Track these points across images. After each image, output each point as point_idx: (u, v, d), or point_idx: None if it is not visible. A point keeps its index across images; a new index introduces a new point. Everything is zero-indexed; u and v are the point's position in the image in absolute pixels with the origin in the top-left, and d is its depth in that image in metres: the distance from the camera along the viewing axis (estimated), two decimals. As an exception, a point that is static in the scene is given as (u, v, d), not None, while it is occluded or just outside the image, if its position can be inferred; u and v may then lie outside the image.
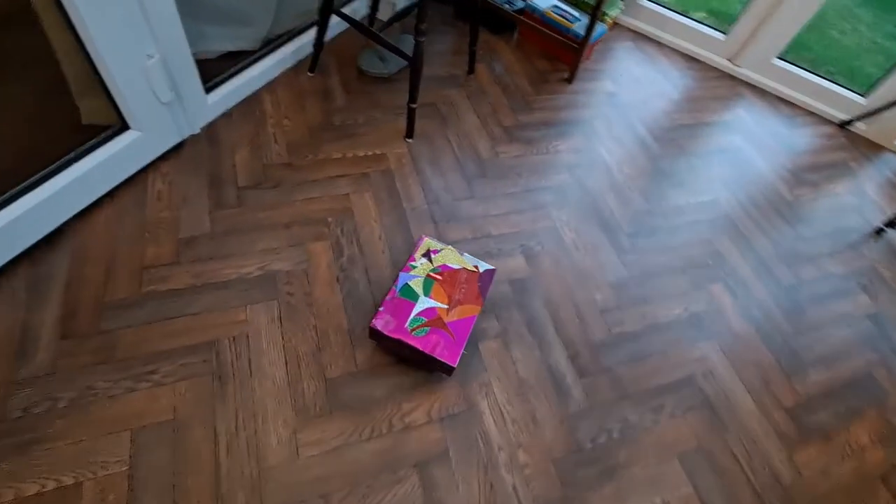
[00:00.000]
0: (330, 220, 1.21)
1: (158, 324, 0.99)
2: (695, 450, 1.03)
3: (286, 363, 0.98)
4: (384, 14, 1.72)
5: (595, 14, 1.55)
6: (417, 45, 1.20)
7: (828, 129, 1.85)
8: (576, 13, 1.73)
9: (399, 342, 0.95)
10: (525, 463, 0.95)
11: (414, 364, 1.02)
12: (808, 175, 1.66)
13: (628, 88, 1.79)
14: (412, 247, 1.21)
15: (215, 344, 0.98)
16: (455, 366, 0.95)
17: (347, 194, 1.27)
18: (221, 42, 1.47)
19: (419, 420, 0.96)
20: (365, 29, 1.29)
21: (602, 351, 1.13)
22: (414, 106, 1.33)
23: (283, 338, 1.01)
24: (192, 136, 1.29)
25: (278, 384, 0.95)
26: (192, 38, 1.44)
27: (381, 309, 0.98)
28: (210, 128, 1.32)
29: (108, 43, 0.95)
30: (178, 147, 1.26)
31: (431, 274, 1.04)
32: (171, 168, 1.22)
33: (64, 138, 1.14)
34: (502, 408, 1.01)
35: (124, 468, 0.83)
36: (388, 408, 0.96)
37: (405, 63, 1.56)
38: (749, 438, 1.06)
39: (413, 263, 1.06)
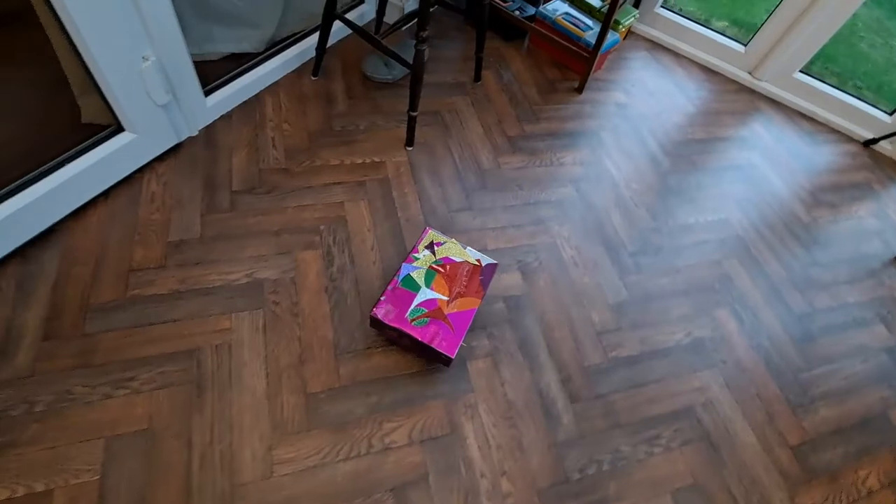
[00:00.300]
0: (322, 228, 1.19)
1: (141, 329, 0.97)
2: (690, 487, 0.97)
3: (267, 375, 0.96)
4: (392, 17, 1.70)
5: (607, 23, 1.50)
6: (418, 54, 1.17)
7: (851, 148, 1.76)
8: (588, 21, 1.68)
9: (399, 331, 0.96)
10: (508, 492, 0.91)
11: (414, 352, 1.02)
12: (828, 196, 1.58)
13: (640, 100, 1.73)
14: (404, 258, 1.18)
15: (196, 352, 0.96)
16: (453, 357, 0.95)
17: (342, 202, 1.24)
18: (226, 43, 1.46)
19: (399, 441, 0.93)
20: (367, 35, 1.26)
21: (596, 376, 1.08)
22: (414, 114, 1.31)
23: (265, 348, 0.99)
24: (191, 138, 1.28)
25: (257, 397, 0.93)
26: (198, 38, 1.44)
27: (382, 298, 0.99)
28: (209, 130, 1.31)
29: (101, 45, 0.94)
30: (176, 148, 1.25)
31: (434, 266, 1.05)
32: (167, 169, 1.21)
33: (63, 136, 1.15)
34: (487, 431, 0.97)
35: (96, 477, 0.82)
36: (369, 427, 0.94)
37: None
38: (749, 477, 1.00)
39: (416, 255, 1.06)
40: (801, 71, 1.80)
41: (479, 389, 1.02)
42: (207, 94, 1.29)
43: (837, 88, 1.79)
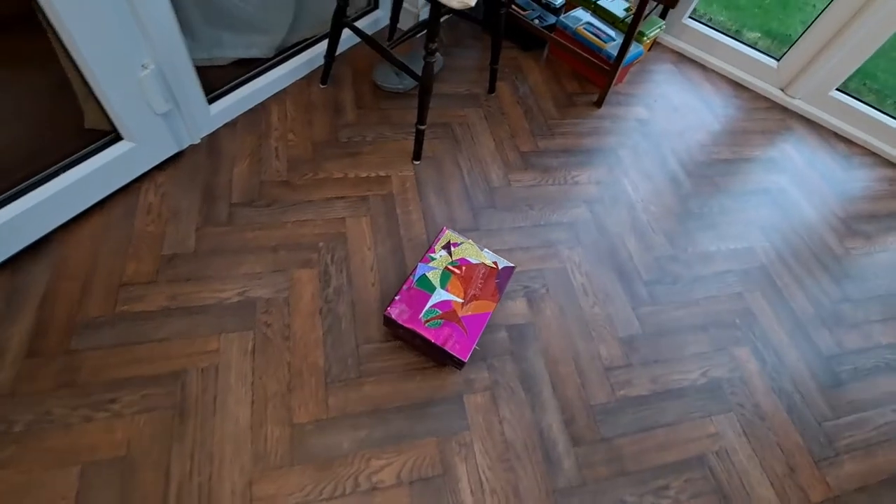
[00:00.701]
0: (321, 245, 1.14)
1: (126, 347, 0.94)
2: (698, 545, 0.90)
3: (252, 403, 0.92)
4: (406, 24, 1.64)
5: (630, 34, 1.42)
6: (427, 66, 1.12)
7: (889, 173, 1.65)
8: (611, 32, 1.60)
9: (412, 332, 0.95)
10: (500, 542, 0.86)
11: (425, 354, 1.02)
12: (863, 225, 1.48)
13: (663, 116, 1.65)
14: (404, 280, 1.13)
15: (182, 375, 0.93)
16: (466, 360, 0.94)
17: (343, 218, 1.20)
18: (235, 49, 1.43)
19: (387, 481, 0.88)
20: (376, 44, 1.21)
21: (602, 417, 1.01)
22: (422, 128, 1.25)
23: (253, 374, 0.95)
24: (193, 146, 1.25)
25: (241, 426, 0.89)
26: (206, 43, 1.41)
27: (396, 298, 0.98)
28: (212, 138, 1.28)
29: (96, 53, 0.91)
30: (177, 156, 1.22)
31: (449, 267, 1.04)
32: (166, 179, 1.18)
33: (65, 142, 1.12)
34: (482, 474, 0.91)
35: (69, 506, 0.79)
36: (356, 463, 0.89)
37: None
38: (764, 537, 0.92)
39: (432, 255, 1.05)
40: (837, 89, 1.69)
41: (476, 427, 0.96)
42: (212, 101, 1.26)
43: (876, 108, 1.68)
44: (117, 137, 1.08)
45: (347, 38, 1.54)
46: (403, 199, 1.26)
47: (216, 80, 1.32)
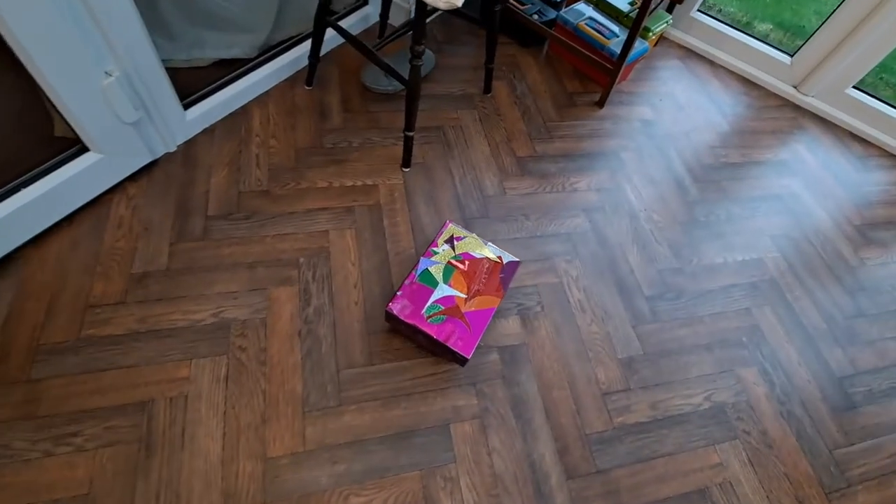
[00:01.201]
0: (302, 261, 1.08)
1: (92, 375, 0.89)
2: (699, 588, 0.84)
3: (224, 436, 0.86)
4: (397, 20, 1.56)
5: (634, 31, 1.34)
6: (413, 70, 1.04)
7: (909, 177, 1.56)
8: (615, 28, 1.51)
9: (414, 328, 0.93)
10: (486, 586, 0.80)
11: (429, 353, 1.00)
12: (880, 233, 1.40)
13: (668, 116, 1.56)
14: (390, 298, 1.06)
15: (149, 405, 0.87)
16: (469, 357, 0.92)
17: (326, 231, 1.13)
18: (216, 49, 1.36)
19: (366, 520, 0.82)
20: (360, 44, 1.14)
21: (598, 446, 0.95)
22: (410, 134, 1.18)
23: (225, 403, 0.89)
24: (168, 155, 1.19)
25: (210, 462, 0.84)
26: (186, 44, 1.34)
27: (398, 293, 0.95)
28: (189, 146, 1.21)
29: (51, 61, 0.84)
30: (151, 165, 1.16)
31: (452, 261, 1.01)
32: (138, 190, 1.12)
33: (33, 151, 1.06)
34: (468, 511, 0.86)
35: (26, 549, 0.74)
36: (333, 501, 0.83)
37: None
38: (770, 580, 0.86)
39: (435, 249, 1.02)
40: (854, 86, 1.59)
41: (463, 459, 0.90)
42: (188, 106, 1.19)
43: (895, 107, 1.58)
44: (84, 149, 1.02)
45: (334, 35, 1.46)
46: (391, 209, 1.20)
47: (195, 84, 1.25)
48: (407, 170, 1.27)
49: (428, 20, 0.99)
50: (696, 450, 0.98)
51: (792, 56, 1.66)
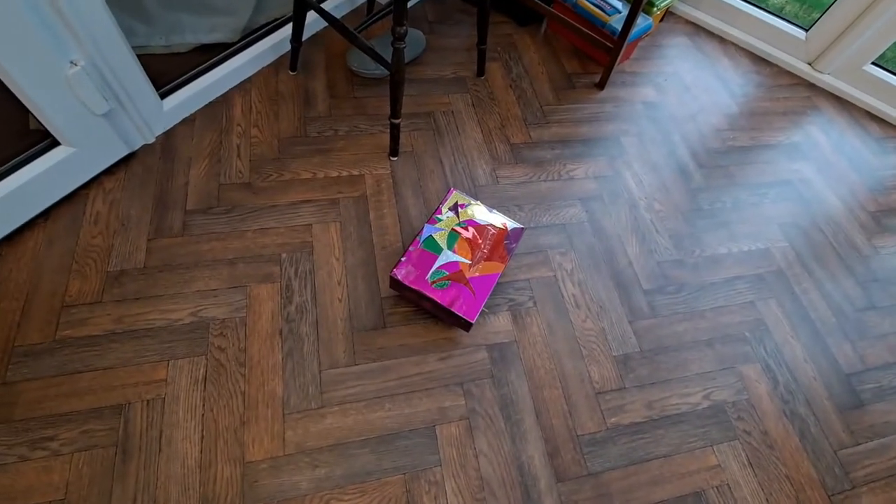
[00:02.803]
0: (284, 257, 1.04)
1: (68, 377, 0.87)
2: None
3: (202, 439, 0.84)
4: None
5: (636, 6, 1.25)
6: (396, 53, 0.98)
7: (930, 159, 1.47)
8: (617, 4, 1.43)
9: (419, 293, 0.94)
10: None
11: (432, 318, 1.01)
12: (895, 220, 1.32)
13: (673, 97, 1.48)
14: (377, 294, 1.03)
15: (126, 408, 0.85)
16: (473, 322, 0.92)
17: (310, 225, 1.09)
18: (196, 33, 1.31)
19: (347, 526, 0.80)
20: (342, 27, 1.07)
21: (590, 448, 0.92)
22: (396, 121, 1.12)
23: (203, 405, 0.87)
24: (146, 146, 1.15)
25: (188, 466, 0.82)
26: (164, 29, 1.29)
27: (403, 259, 0.96)
28: (168, 136, 1.17)
29: (8, 49, 0.79)
30: (129, 157, 1.12)
31: (457, 228, 1.02)
32: (115, 185, 1.08)
33: (7, 144, 1.03)
34: (453, 516, 0.83)
35: (1, 555, 0.73)
36: (313, 506, 0.81)
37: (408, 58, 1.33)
38: (767, 587, 0.83)
39: (439, 216, 1.03)
40: (873, 63, 1.50)
41: (448, 462, 0.88)
42: (165, 95, 1.15)
43: (919, 85, 1.48)
44: (55, 143, 0.98)
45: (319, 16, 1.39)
46: (377, 201, 1.15)
47: (172, 72, 1.20)
48: (395, 159, 1.22)
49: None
50: (692, 451, 0.94)
51: (807, 31, 1.56)
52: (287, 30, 1.35)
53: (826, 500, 0.92)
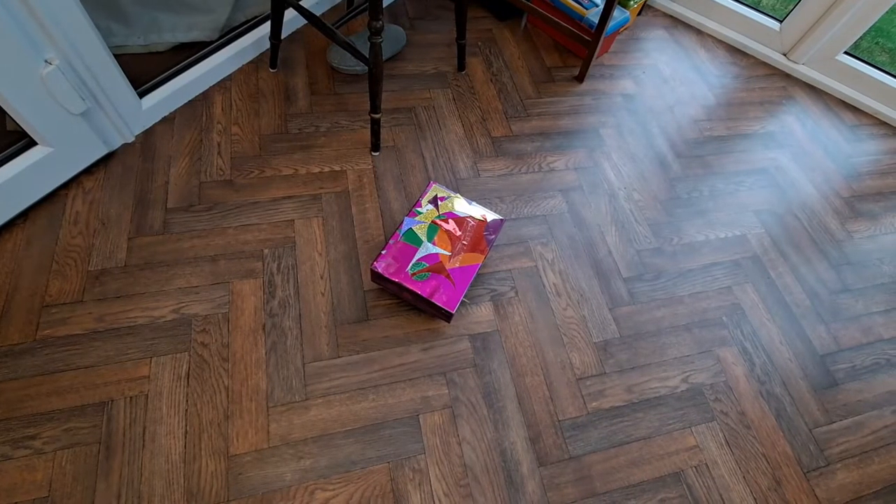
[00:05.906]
0: (266, 253, 1.05)
1: (49, 377, 0.87)
2: (671, 572, 0.84)
3: (185, 434, 0.85)
4: (367, -4, 1.49)
5: (612, 0, 1.27)
6: (373, 48, 0.99)
7: (901, 146, 1.51)
8: (594, -3, 1.44)
9: (399, 285, 0.96)
10: (454, 577, 0.79)
11: (414, 310, 1.02)
12: (868, 205, 1.36)
13: (652, 89, 1.51)
14: (359, 286, 1.04)
15: (109, 405, 0.85)
16: (453, 312, 0.94)
17: (292, 221, 1.10)
18: (174, 32, 1.30)
19: (332, 515, 0.81)
20: (319, 23, 1.08)
21: (572, 433, 0.94)
22: (377, 116, 1.13)
23: (186, 401, 0.87)
24: (126, 145, 1.14)
25: (172, 461, 0.82)
26: (142, 28, 1.28)
27: (383, 252, 0.98)
28: (147, 135, 1.17)
29: (-19, 50, 0.79)
30: (108, 157, 1.12)
31: (436, 220, 1.03)
32: (95, 184, 1.08)
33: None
34: (437, 502, 0.85)
35: (-15, 554, 0.73)
36: (297, 497, 0.82)
37: (388, 54, 1.34)
38: (744, 561, 0.86)
39: (419, 209, 1.04)
40: (846, 52, 1.53)
41: (432, 450, 0.89)
42: (144, 94, 1.14)
43: (889, 73, 1.52)
44: (32, 143, 0.98)
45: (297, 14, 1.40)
46: (360, 196, 1.16)
47: (151, 70, 1.20)
48: (376, 154, 1.23)
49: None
50: (671, 433, 0.96)
51: (781, 22, 1.59)
52: (266, 27, 1.35)
53: (802, 477, 0.95)
